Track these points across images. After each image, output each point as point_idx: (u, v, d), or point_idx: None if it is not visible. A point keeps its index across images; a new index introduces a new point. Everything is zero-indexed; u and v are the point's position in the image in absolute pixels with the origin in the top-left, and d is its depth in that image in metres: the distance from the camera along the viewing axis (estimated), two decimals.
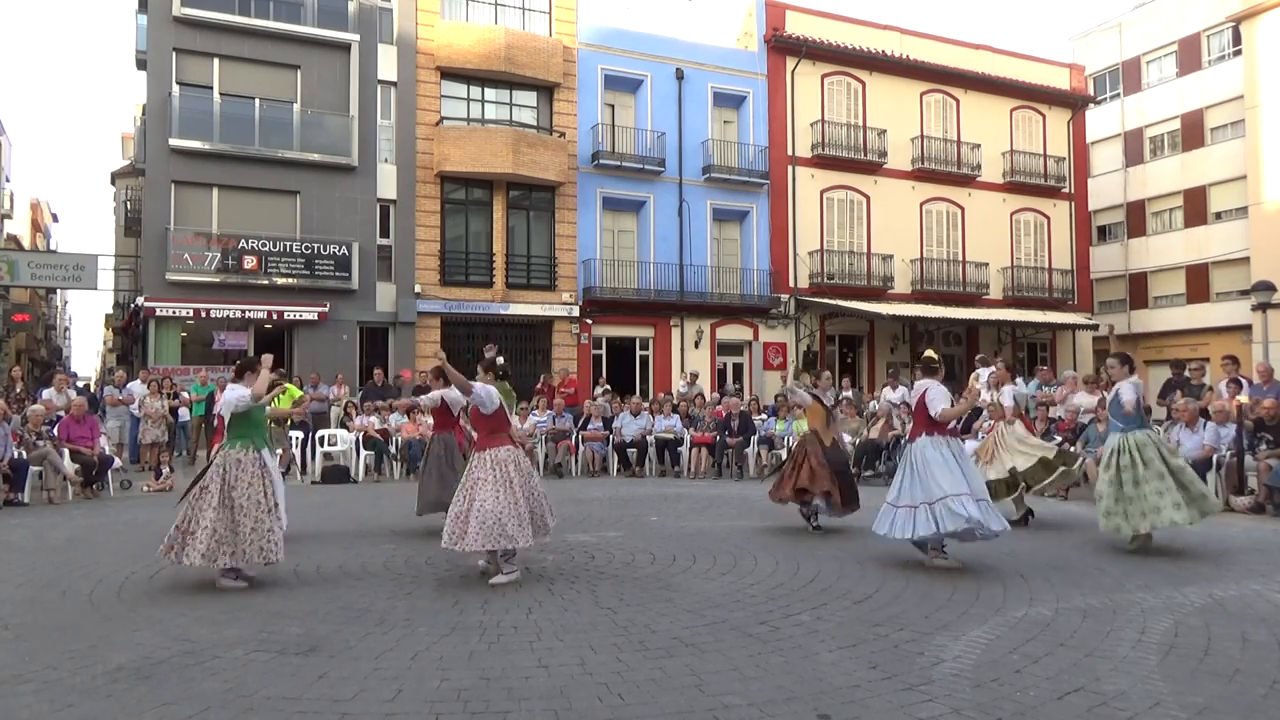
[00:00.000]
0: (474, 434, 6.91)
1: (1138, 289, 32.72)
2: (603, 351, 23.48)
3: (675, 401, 16.50)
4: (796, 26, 25.40)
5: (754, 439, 14.96)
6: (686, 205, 23.92)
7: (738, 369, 25.06)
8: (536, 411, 15.56)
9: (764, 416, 16.37)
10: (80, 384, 20.10)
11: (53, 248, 53.58)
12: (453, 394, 8.07)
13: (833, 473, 8.36)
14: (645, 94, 23.80)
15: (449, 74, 21.89)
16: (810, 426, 8.84)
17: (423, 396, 8.84)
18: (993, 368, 11.01)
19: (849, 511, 8.53)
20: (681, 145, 23.88)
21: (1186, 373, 13.50)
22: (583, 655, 4.62)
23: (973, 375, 12.26)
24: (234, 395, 6.37)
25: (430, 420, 9.23)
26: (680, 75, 24.03)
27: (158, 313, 19.06)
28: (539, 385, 17.12)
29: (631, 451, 15.16)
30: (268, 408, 7.13)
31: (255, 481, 6.19)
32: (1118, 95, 34.00)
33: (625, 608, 5.61)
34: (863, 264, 25.66)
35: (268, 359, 6.65)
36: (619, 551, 7.59)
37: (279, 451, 7.83)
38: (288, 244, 19.84)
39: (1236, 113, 29.36)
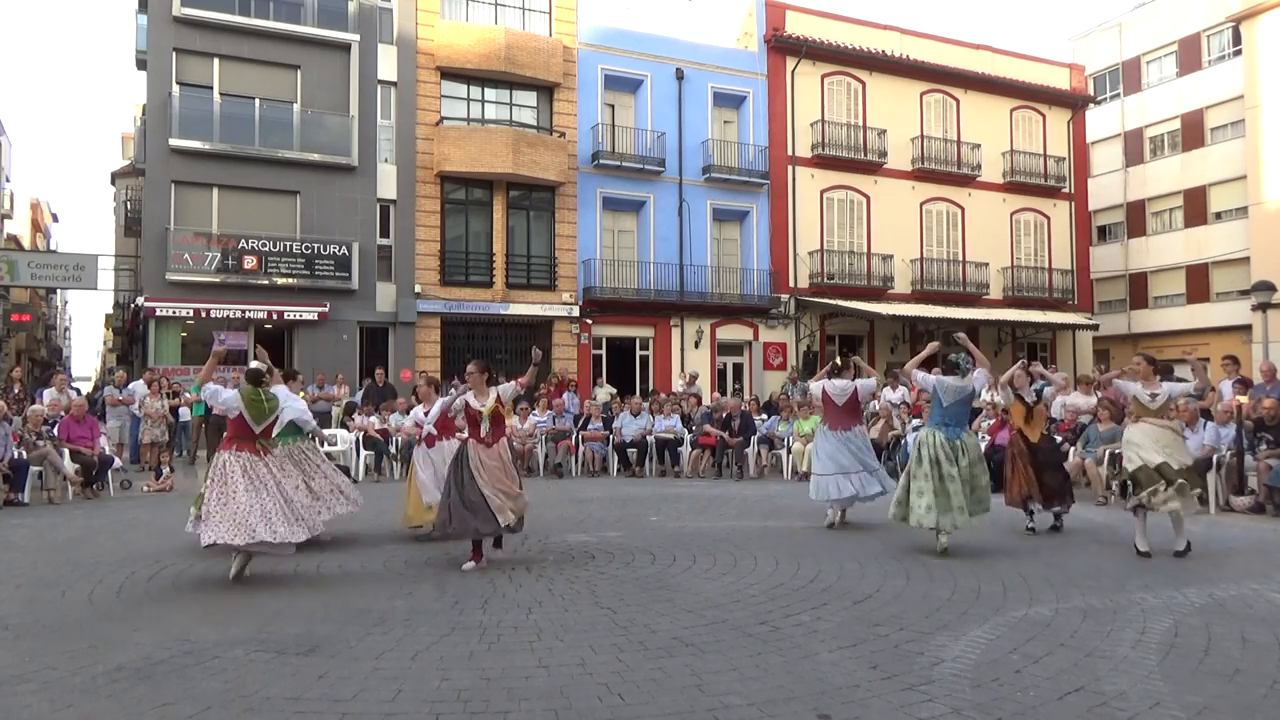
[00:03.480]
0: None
1: (1138, 289, 32.73)
2: (603, 351, 23.48)
3: (675, 402, 16.48)
4: (796, 26, 25.40)
5: (754, 439, 14.95)
6: (686, 205, 23.92)
7: (738, 369, 25.06)
8: (536, 411, 15.56)
9: (763, 417, 16.37)
10: (76, 386, 20.03)
11: (53, 248, 53.59)
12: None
13: (1038, 472, 8.48)
14: (645, 94, 23.80)
15: (449, 74, 21.88)
16: (1014, 426, 8.94)
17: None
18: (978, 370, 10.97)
19: (1060, 505, 8.59)
20: (681, 145, 23.88)
21: (1176, 373, 13.52)
22: (583, 655, 4.62)
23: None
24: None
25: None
26: (680, 75, 24.03)
27: (158, 313, 19.06)
28: (541, 387, 17.12)
29: (631, 451, 15.16)
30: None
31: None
32: (1118, 95, 34.01)
33: (625, 608, 5.61)
34: (863, 264, 25.66)
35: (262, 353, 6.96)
36: (619, 551, 7.59)
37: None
38: (288, 244, 19.84)
39: (1236, 113, 29.36)
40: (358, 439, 14.32)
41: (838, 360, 9.58)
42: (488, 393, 7.14)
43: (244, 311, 19.55)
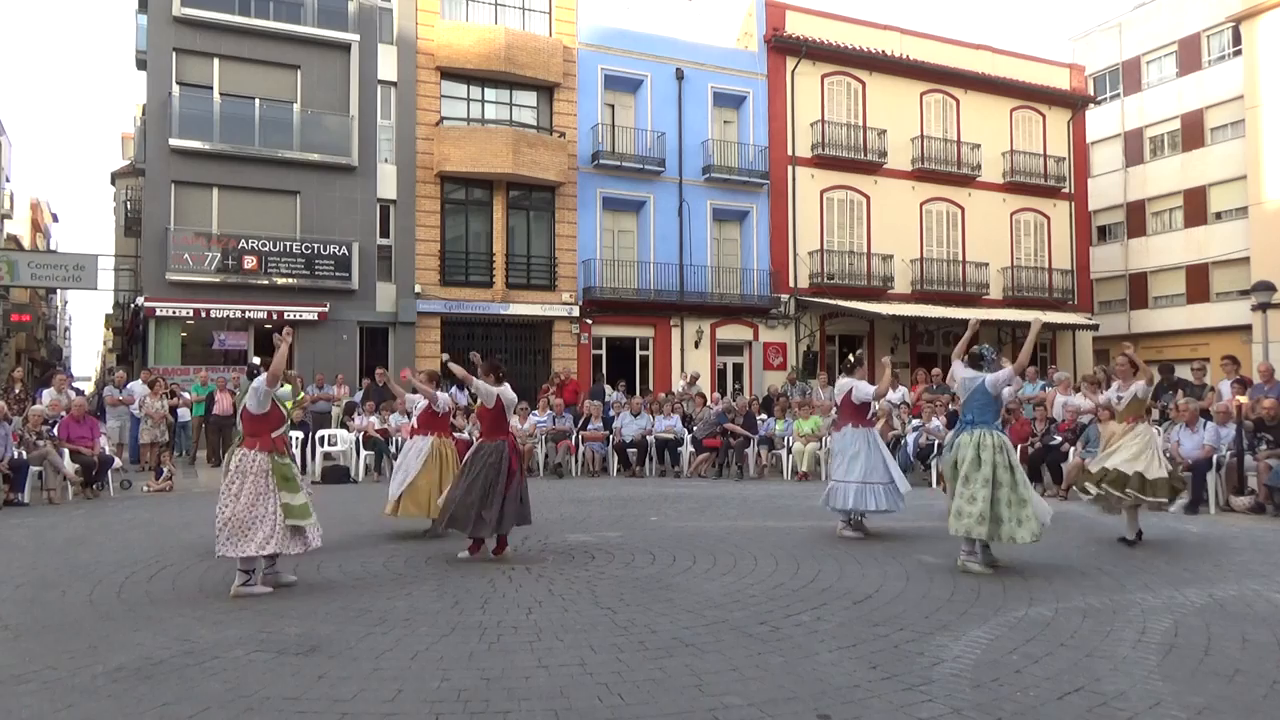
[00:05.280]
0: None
1: (1138, 289, 32.73)
2: (603, 351, 23.48)
3: (675, 402, 16.47)
4: (796, 26, 25.40)
5: (754, 439, 14.95)
6: (686, 205, 23.92)
7: (738, 369, 25.06)
8: (536, 411, 15.56)
9: (763, 417, 16.35)
10: (77, 386, 20.05)
11: (53, 248, 53.59)
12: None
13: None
14: (645, 94, 23.80)
15: (449, 74, 21.89)
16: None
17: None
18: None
19: None
20: (681, 145, 23.88)
21: (1177, 374, 13.51)
22: (583, 655, 4.62)
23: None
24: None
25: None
26: (680, 75, 24.04)
27: (158, 313, 19.06)
28: (544, 386, 17.14)
29: (631, 451, 15.16)
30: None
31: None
32: (1118, 95, 34.01)
33: (625, 608, 5.61)
34: (863, 264, 25.66)
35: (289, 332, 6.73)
36: (619, 551, 7.59)
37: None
38: (288, 244, 19.84)
39: (1236, 113, 29.36)
40: (358, 439, 14.33)
41: (856, 356, 9.16)
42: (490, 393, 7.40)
43: (244, 311, 19.55)
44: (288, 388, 9.86)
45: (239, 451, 6.18)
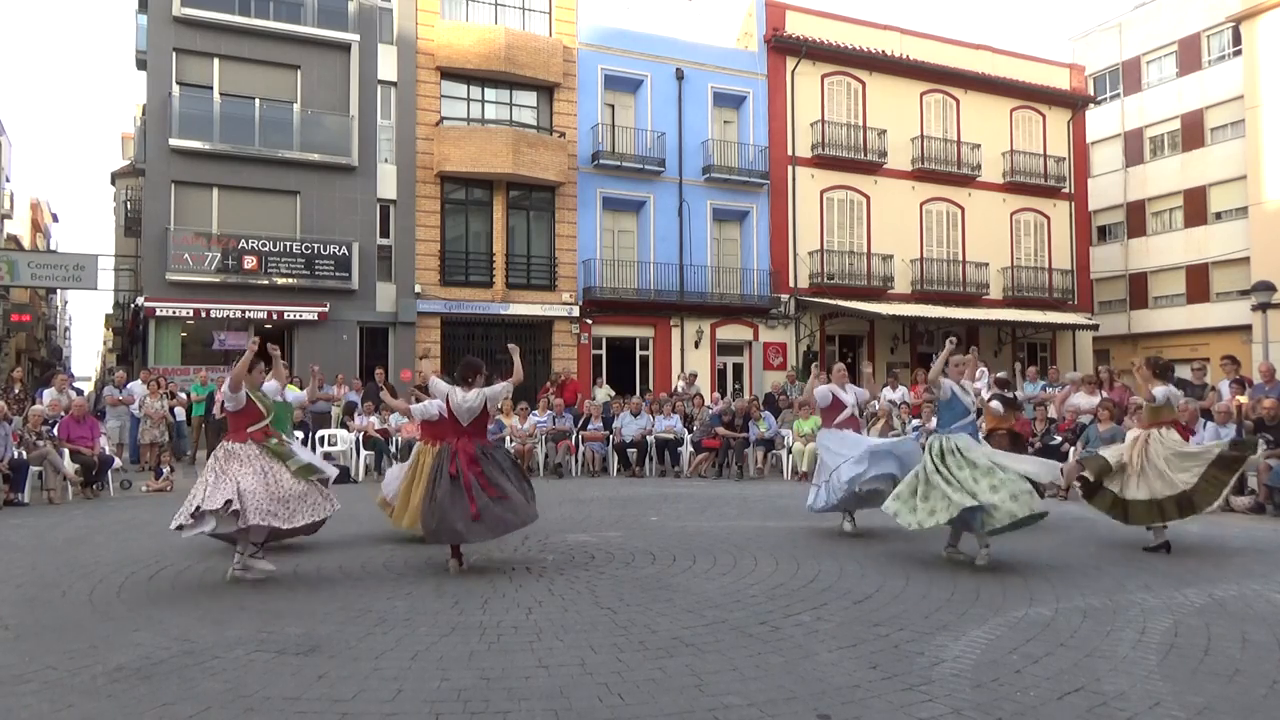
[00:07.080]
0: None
1: (1138, 289, 32.73)
2: (603, 351, 23.48)
3: (673, 402, 16.46)
4: (796, 26, 25.41)
5: (753, 440, 14.94)
6: (686, 205, 23.92)
7: (738, 369, 25.06)
8: (537, 411, 15.56)
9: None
10: (78, 386, 20.04)
11: (53, 248, 53.58)
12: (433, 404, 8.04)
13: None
14: (645, 94, 23.80)
15: (449, 74, 21.89)
16: (988, 428, 8.96)
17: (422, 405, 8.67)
18: (982, 369, 11.00)
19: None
20: (681, 145, 23.88)
21: (1177, 374, 13.50)
22: (583, 655, 4.62)
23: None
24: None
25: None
26: (680, 75, 24.04)
27: (158, 313, 19.06)
28: (544, 387, 17.14)
29: (631, 451, 15.16)
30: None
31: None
32: (1118, 95, 34.02)
33: (625, 608, 5.61)
34: (863, 264, 25.66)
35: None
36: (619, 551, 7.59)
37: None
38: (288, 244, 19.84)
39: (1236, 113, 29.37)
40: (358, 439, 14.33)
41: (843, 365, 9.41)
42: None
43: (244, 311, 19.55)
44: (300, 392, 9.89)
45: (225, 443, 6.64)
